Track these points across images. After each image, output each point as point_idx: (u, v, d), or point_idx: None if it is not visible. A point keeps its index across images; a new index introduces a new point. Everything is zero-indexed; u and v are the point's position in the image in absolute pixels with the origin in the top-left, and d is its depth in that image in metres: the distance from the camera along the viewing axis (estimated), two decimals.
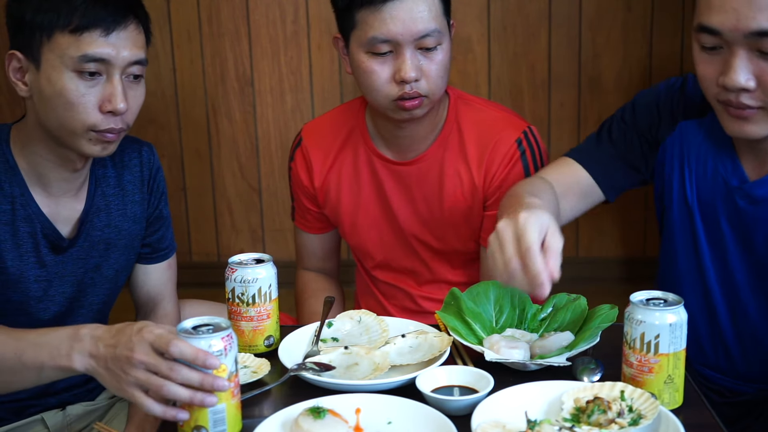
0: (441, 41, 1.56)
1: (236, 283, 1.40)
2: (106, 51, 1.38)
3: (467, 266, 1.78)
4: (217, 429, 1.13)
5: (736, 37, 1.25)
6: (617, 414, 1.11)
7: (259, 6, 3.05)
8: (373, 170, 1.73)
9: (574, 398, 1.15)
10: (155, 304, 1.70)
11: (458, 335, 1.37)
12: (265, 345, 1.41)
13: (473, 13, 2.99)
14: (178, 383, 1.11)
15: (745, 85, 1.26)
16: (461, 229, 1.72)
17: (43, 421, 1.61)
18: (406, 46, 1.53)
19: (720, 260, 1.50)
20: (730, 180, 1.45)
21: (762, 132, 1.32)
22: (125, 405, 1.67)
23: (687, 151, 1.50)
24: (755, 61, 1.26)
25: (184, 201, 3.27)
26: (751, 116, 1.30)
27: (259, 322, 1.40)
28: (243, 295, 1.39)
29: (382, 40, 1.53)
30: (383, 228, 1.77)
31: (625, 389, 1.15)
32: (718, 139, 1.45)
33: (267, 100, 3.14)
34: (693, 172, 1.50)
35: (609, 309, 1.38)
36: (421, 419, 1.14)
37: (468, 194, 1.69)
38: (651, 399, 1.14)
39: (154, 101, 3.13)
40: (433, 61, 1.56)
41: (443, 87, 1.61)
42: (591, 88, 3.05)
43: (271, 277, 1.41)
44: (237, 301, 1.40)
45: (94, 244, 1.55)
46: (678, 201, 1.53)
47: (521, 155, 1.65)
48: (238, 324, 1.40)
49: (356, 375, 1.30)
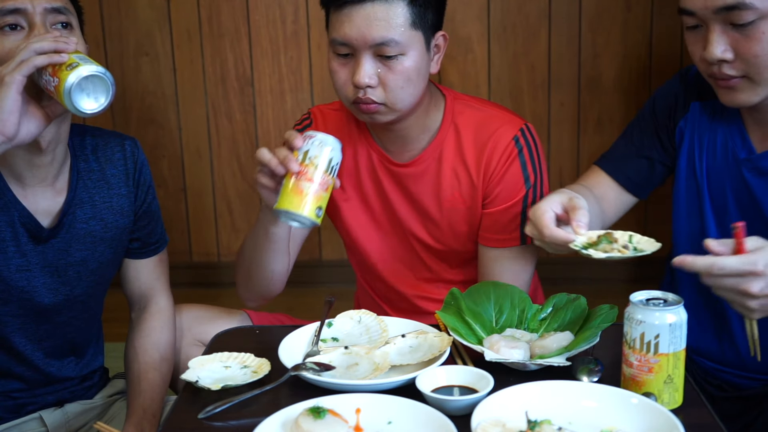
0: (404, 51, 1.53)
1: (313, 145, 1.42)
2: (18, 2, 1.40)
3: (466, 266, 1.78)
4: (86, 62, 1.30)
5: (707, 14, 1.36)
6: (622, 246, 1.25)
7: (259, 6, 3.05)
8: (372, 168, 1.73)
9: (587, 236, 1.29)
10: (148, 299, 1.71)
11: (458, 335, 1.37)
12: (317, 214, 1.42)
13: (473, 13, 2.99)
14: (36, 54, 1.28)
15: (722, 57, 1.37)
16: (460, 230, 1.72)
17: (41, 419, 1.61)
18: (362, 52, 1.52)
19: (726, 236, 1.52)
20: (738, 153, 1.50)
21: (753, 99, 1.41)
22: (124, 404, 1.68)
23: (699, 128, 1.57)
24: (729, 33, 1.37)
25: (184, 201, 3.27)
26: (736, 85, 1.40)
27: (320, 189, 1.41)
28: (316, 158, 1.41)
29: (340, 42, 1.54)
30: (383, 224, 1.77)
31: (633, 236, 1.28)
32: (727, 115, 1.52)
33: (267, 100, 3.14)
34: (704, 147, 1.56)
35: (609, 309, 1.38)
36: (421, 419, 1.15)
37: (466, 194, 1.69)
38: (652, 241, 1.26)
39: (154, 101, 3.14)
40: (393, 71, 1.54)
41: (407, 98, 1.57)
42: (591, 88, 3.05)
43: (338, 156, 1.44)
44: (308, 162, 1.41)
45: (77, 236, 1.55)
46: (687, 177, 1.58)
47: (519, 152, 1.65)
48: (302, 183, 1.41)
49: (356, 375, 1.30)
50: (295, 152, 1.43)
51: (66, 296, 1.57)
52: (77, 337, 1.66)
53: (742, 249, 1.20)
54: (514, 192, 1.65)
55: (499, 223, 1.67)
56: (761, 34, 1.34)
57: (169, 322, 1.71)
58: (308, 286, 3.17)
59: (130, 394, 1.64)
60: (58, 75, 1.29)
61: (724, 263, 1.19)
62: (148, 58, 3.10)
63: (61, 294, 1.56)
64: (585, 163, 3.06)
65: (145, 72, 3.12)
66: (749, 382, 1.59)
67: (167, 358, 1.67)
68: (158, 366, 1.65)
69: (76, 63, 1.29)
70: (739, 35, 1.36)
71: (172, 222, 3.21)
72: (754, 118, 1.48)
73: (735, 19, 1.34)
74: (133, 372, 1.65)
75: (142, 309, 1.71)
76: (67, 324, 1.61)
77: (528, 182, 1.65)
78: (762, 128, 1.49)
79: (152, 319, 1.69)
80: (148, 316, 1.69)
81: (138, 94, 3.15)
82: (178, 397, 1.34)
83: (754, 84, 1.39)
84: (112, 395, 1.74)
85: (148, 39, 3.08)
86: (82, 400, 1.68)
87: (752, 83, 1.39)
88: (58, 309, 1.57)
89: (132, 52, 3.10)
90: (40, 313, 1.55)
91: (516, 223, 1.67)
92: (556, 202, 1.39)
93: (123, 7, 3.05)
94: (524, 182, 1.65)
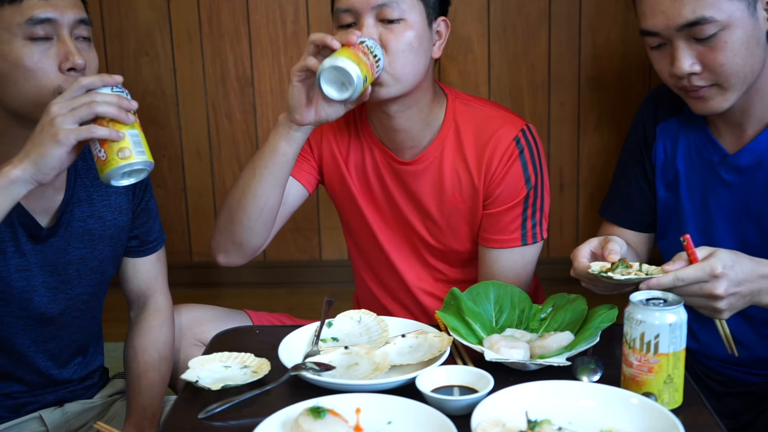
0: (404, 16, 1.55)
1: (369, 41, 1.51)
2: (49, 12, 1.39)
3: (465, 265, 1.78)
4: (137, 149, 1.30)
5: (670, 32, 1.42)
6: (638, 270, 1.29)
7: (259, 6, 3.05)
8: (376, 165, 1.73)
9: (601, 264, 1.33)
10: (147, 297, 1.71)
11: (458, 335, 1.37)
12: (364, 79, 1.47)
13: (473, 13, 2.99)
14: (100, 103, 1.28)
15: (690, 70, 1.43)
16: (460, 230, 1.72)
17: (41, 418, 1.61)
18: (365, 15, 1.54)
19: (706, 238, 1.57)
20: (712, 158, 1.57)
21: (723, 105, 1.47)
22: (124, 404, 1.68)
23: (670, 145, 1.62)
24: (694, 47, 1.42)
25: (184, 201, 3.26)
26: (706, 94, 1.46)
27: (371, 67, 1.49)
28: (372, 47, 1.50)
29: (344, 9, 1.55)
30: (389, 220, 1.77)
31: (643, 265, 1.32)
32: (694, 126, 1.59)
33: (267, 100, 3.14)
34: (677, 158, 1.61)
35: (609, 309, 1.38)
36: (421, 419, 1.15)
37: (467, 195, 1.68)
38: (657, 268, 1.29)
39: (154, 101, 3.13)
40: (394, 33, 1.55)
41: (408, 67, 1.57)
42: (591, 88, 3.05)
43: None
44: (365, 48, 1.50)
45: (76, 234, 1.55)
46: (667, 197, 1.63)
47: (520, 153, 1.65)
48: (358, 52, 1.48)
49: (356, 375, 1.30)
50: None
51: (67, 295, 1.57)
52: (81, 338, 1.66)
53: (695, 259, 1.27)
54: (515, 193, 1.65)
55: (500, 224, 1.67)
56: (724, 43, 1.40)
57: (168, 321, 1.71)
58: (308, 286, 3.17)
59: (129, 393, 1.64)
60: (106, 149, 1.30)
61: (684, 275, 1.25)
62: (148, 58, 3.10)
63: (62, 293, 1.56)
64: (585, 163, 3.06)
65: (145, 72, 3.11)
66: (752, 377, 1.60)
67: (166, 357, 1.67)
68: (157, 365, 1.65)
69: (129, 151, 1.29)
70: (704, 48, 1.41)
71: (172, 222, 3.21)
72: (724, 120, 1.54)
73: (697, 34, 1.40)
74: (132, 371, 1.65)
75: (140, 308, 1.71)
76: (71, 324, 1.61)
77: (529, 183, 1.65)
78: (732, 130, 1.54)
79: (151, 318, 1.69)
80: (146, 314, 1.70)
81: (138, 94, 3.15)
82: (178, 397, 1.34)
83: (724, 90, 1.45)
84: (112, 395, 1.74)
85: (148, 39, 3.08)
86: (82, 400, 1.68)
87: (722, 90, 1.45)
88: (60, 309, 1.57)
89: (132, 52, 3.09)
90: (42, 314, 1.54)
91: (517, 223, 1.67)
92: (594, 242, 1.41)
93: (123, 7, 3.05)
94: (525, 183, 1.65)
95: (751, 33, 1.41)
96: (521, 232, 1.67)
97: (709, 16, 1.38)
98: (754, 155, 1.52)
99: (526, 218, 1.67)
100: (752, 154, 1.52)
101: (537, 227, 1.69)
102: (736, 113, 1.51)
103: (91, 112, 1.28)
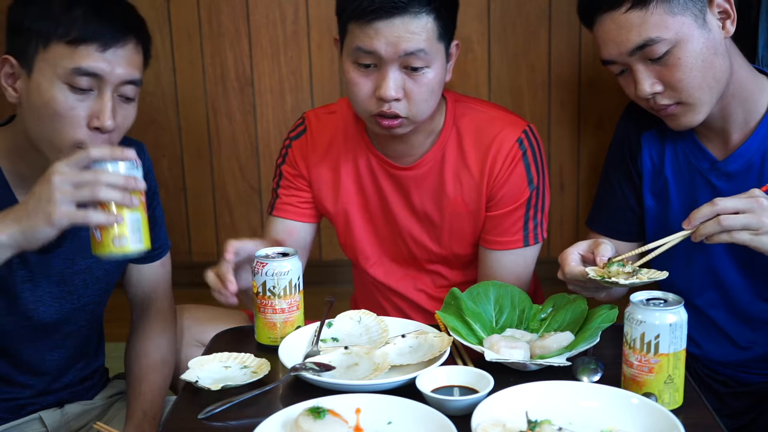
0: (429, 64, 1.52)
1: (267, 276, 1.42)
2: (100, 66, 1.36)
3: (465, 267, 1.78)
4: (135, 237, 1.26)
5: (625, 58, 1.45)
6: (631, 271, 1.29)
7: (259, 6, 3.05)
8: (372, 171, 1.72)
9: (596, 269, 1.32)
10: (150, 302, 1.70)
11: (458, 335, 1.37)
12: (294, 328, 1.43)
13: (473, 13, 2.99)
14: (104, 186, 1.20)
15: (652, 90, 1.45)
16: (462, 234, 1.72)
17: (41, 419, 1.61)
18: (390, 63, 1.51)
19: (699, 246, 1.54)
20: (701, 164, 1.57)
21: (696, 118, 1.48)
22: (124, 405, 1.68)
23: (657, 153, 1.61)
24: (651, 68, 1.44)
25: (184, 201, 3.26)
26: (675, 111, 1.47)
27: (290, 314, 1.44)
28: (275, 288, 1.42)
29: (366, 51, 1.51)
30: (380, 228, 1.76)
31: (640, 270, 1.31)
32: (680, 134, 1.58)
33: (267, 100, 3.14)
34: (666, 166, 1.60)
35: (609, 309, 1.38)
36: (421, 419, 1.14)
37: (469, 198, 1.68)
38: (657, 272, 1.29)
39: (154, 101, 3.13)
40: (418, 83, 1.53)
41: (428, 110, 1.57)
42: (591, 88, 3.05)
43: (298, 269, 1.44)
44: (269, 294, 1.42)
45: (82, 244, 1.53)
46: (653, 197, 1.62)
47: (523, 154, 1.64)
48: (270, 317, 1.43)
49: (356, 375, 1.30)
50: (253, 282, 1.44)
51: (73, 305, 1.56)
52: (84, 345, 1.65)
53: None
54: (519, 194, 1.65)
55: (503, 226, 1.67)
56: (677, 60, 1.42)
57: (171, 325, 1.71)
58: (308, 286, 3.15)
59: (130, 395, 1.63)
60: (102, 232, 1.25)
61: (725, 202, 1.28)
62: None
63: (68, 303, 1.55)
64: (585, 163, 3.06)
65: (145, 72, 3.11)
66: (753, 377, 1.60)
67: (168, 360, 1.67)
68: (159, 368, 1.65)
69: (126, 240, 1.26)
70: (660, 67, 1.43)
71: (172, 222, 3.21)
72: (708, 128, 1.54)
73: (650, 55, 1.42)
74: (134, 374, 1.65)
75: (144, 312, 1.71)
76: (76, 333, 1.60)
77: (532, 184, 1.65)
78: (718, 136, 1.55)
79: (154, 322, 1.69)
80: (149, 318, 1.69)
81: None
82: (177, 397, 1.34)
83: (690, 106, 1.46)
84: (111, 396, 1.73)
85: None
86: (82, 401, 1.68)
87: (688, 106, 1.46)
88: (66, 319, 1.56)
89: None
90: (48, 324, 1.53)
91: (519, 225, 1.67)
92: (582, 245, 1.40)
93: None
94: (528, 184, 1.65)
95: (704, 45, 1.41)
96: (523, 233, 1.67)
97: (655, 36, 1.40)
98: (743, 160, 1.52)
99: (528, 219, 1.67)
100: (741, 159, 1.52)
101: (538, 228, 1.68)
102: (717, 121, 1.52)
103: (92, 195, 1.22)
